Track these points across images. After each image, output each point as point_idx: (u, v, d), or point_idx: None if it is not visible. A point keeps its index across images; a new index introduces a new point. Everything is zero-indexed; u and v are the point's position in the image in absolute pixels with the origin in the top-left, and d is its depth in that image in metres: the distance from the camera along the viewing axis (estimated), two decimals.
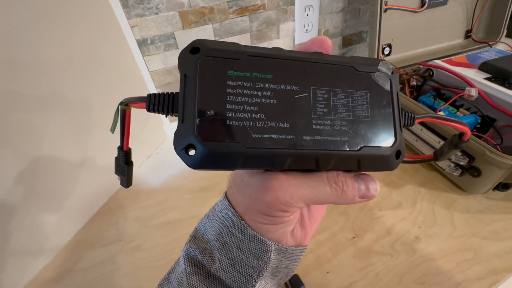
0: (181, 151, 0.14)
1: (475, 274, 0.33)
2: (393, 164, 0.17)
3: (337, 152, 0.15)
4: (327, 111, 0.16)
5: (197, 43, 0.15)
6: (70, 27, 0.37)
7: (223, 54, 0.15)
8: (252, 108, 0.14)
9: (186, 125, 0.13)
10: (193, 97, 0.14)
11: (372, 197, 0.17)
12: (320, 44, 0.17)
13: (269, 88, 0.15)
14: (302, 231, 0.20)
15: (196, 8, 0.49)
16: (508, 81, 0.43)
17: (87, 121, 0.42)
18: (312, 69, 0.16)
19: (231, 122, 0.14)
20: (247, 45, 0.16)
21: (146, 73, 0.52)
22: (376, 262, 0.36)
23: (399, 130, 0.17)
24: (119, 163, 0.20)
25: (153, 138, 0.58)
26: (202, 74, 0.14)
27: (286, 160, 0.14)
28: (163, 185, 0.50)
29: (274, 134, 0.14)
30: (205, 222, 0.20)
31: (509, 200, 0.40)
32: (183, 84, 0.14)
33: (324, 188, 0.16)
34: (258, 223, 0.17)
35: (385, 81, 0.17)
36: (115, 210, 0.46)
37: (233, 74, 0.14)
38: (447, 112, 0.45)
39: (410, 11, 0.54)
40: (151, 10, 0.46)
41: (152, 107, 0.15)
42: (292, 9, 0.57)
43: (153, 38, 0.49)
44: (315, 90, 0.16)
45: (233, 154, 0.14)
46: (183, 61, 0.14)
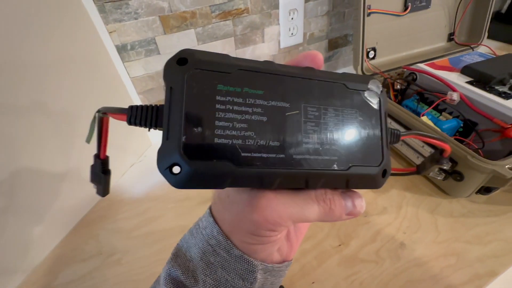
0: (165, 170, 0.13)
1: (458, 279, 0.33)
2: (379, 182, 0.17)
3: (326, 172, 0.15)
4: (317, 129, 0.15)
5: (185, 53, 0.14)
6: (44, 34, 0.35)
7: (213, 66, 0.14)
8: (241, 126, 0.14)
9: (171, 143, 0.13)
10: (179, 112, 0.13)
11: (358, 213, 0.17)
12: (312, 59, 0.17)
13: (260, 105, 0.14)
14: (288, 245, 0.20)
15: (177, 13, 0.48)
16: (489, 85, 0.43)
17: (65, 130, 0.41)
18: (303, 85, 0.16)
19: (220, 140, 0.13)
20: (237, 57, 0.15)
21: (127, 80, 0.50)
22: (361, 270, 0.35)
23: (386, 149, 0.17)
24: (95, 172, 0.19)
25: (136, 145, 0.56)
26: (189, 88, 0.13)
27: (275, 180, 0.14)
28: (147, 194, 0.49)
29: (264, 153, 0.14)
30: (188, 238, 0.19)
31: (491, 204, 0.41)
32: (168, 97, 0.13)
33: (313, 206, 0.16)
34: (245, 243, 0.17)
35: (374, 99, 0.17)
36: (96, 222, 0.45)
37: (223, 88, 0.14)
38: (430, 116, 0.45)
39: (393, 14, 0.54)
40: (129, 15, 0.45)
41: (134, 120, 0.14)
42: (276, 13, 0.56)
43: (133, 43, 0.47)
44: (306, 108, 0.15)
45: (221, 174, 0.13)
46: (169, 73, 0.14)
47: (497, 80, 0.43)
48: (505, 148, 0.39)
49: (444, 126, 0.42)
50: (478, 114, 0.41)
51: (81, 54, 0.41)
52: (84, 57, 0.42)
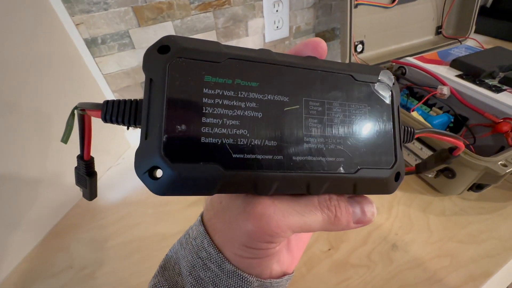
0: (143, 175, 0.11)
1: (453, 281, 0.32)
2: (391, 187, 0.15)
3: (331, 175, 0.13)
4: (321, 127, 0.14)
5: (167, 40, 0.12)
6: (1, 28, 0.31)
7: (199, 55, 0.12)
8: (233, 122, 0.12)
9: (151, 143, 0.11)
10: (160, 107, 0.11)
11: (369, 221, 0.15)
12: (314, 47, 0.15)
13: (254, 99, 0.13)
14: (288, 256, 0.18)
15: (153, 4, 0.44)
16: (479, 78, 0.42)
17: (33, 132, 0.37)
18: (305, 77, 0.14)
19: (207, 139, 0.12)
20: (229, 45, 0.13)
21: (100, 76, 0.46)
22: (353, 275, 0.33)
23: (399, 149, 0.15)
24: (79, 174, 0.18)
25: (113, 147, 0.52)
26: (172, 80, 0.11)
27: (272, 185, 0.12)
28: (124, 199, 0.45)
29: (259, 154, 0.12)
30: (178, 249, 0.17)
31: (483, 201, 0.40)
32: (148, 90, 0.12)
33: (315, 214, 0.14)
34: (239, 256, 0.15)
35: (386, 92, 0.15)
36: (67, 232, 0.41)
37: (211, 80, 0.12)
38: (421, 111, 0.43)
39: (381, 6, 0.52)
40: (98, 6, 0.41)
41: (110, 117, 0.13)
42: (260, 4, 0.53)
43: (104, 37, 0.43)
44: (308, 102, 0.14)
45: (209, 179, 0.11)
46: (149, 62, 0.12)
47: (486, 74, 0.42)
48: (496, 143, 0.38)
49: (435, 122, 0.41)
50: (468, 108, 0.40)
51: (45, 50, 0.37)
52: (49, 52, 0.38)
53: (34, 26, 0.35)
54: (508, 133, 0.36)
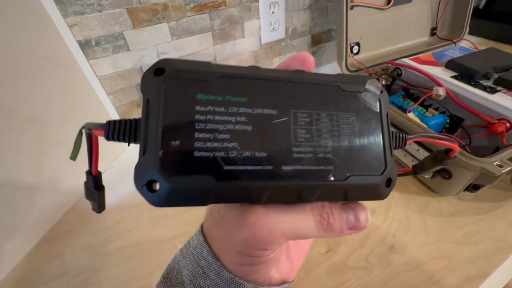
0: (142, 188, 0.12)
1: (450, 283, 0.32)
2: (383, 193, 0.15)
3: (321, 183, 0.14)
4: (309, 137, 0.14)
5: (162, 63, 0.13)
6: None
7: (191, 75, 0.13)
8: (224, 137, 0.13)
9: (148, 158, 0.12)
10: (155, 125, 0.12)
11: (363, 228, 0.16)
12: (302, 61, 0.16)
13: (244, 113, 0.13)
14: (288, 264, 0.18)
15: (147, 5, 0.44)
16: (474, 80, 0.42)
17: (27, 136, 0.36)
18: (292, 90, 0.14)
19: (200, 153, 0.12)
20: (219, 64, 0.14)
21: (94, 79, 0.46)
22: (351, 278, 0.33)
23: (390, 155, 0.15)
24: (88, 188, 0.19)
25: (109, 150, 0.52)
26: (166, 99, 0.12)
27: (263, 194, 0.13)
28: (120, 204, 0.45)
29: (249, 165, 0.13)
30: (179, 259, 0.18)
31: (479, 201, 0.40)
32: (145, 110, 0.13)
33: (308, 221, 0.14)
34: (235, 264, 0.15)
35: (374, 101, 0.16)
36: (61, 238, 0.40)
37: (203, 98, 0.13)
38: (417, 112, 0.43)
39: (376, 8, 0.53)
40: (92, 7, 0.40)
41: (112, 135, 0.14)
42: (256, 6, 0.53)
43: (98, 39, 0.43)
44: (296, 114, 0.14)
45: (202, 190, 0.12)
46: (146, 84, 0.13)
47: (481, 74, 0.42)
48: (491, 144, 0.38)
49: (431, 123, 0.41)
50: (464, 109, 0.40)
51: (38, 52, 0.36)
52: (42, 55, 0.37)
53: (26, 28, 0.35)
54: (503, 134, 0.36)
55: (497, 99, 0.38)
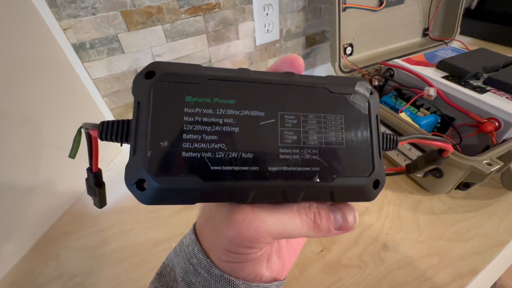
0: (131, 186, 0.13)
1: (442, 280, 0.33)
2: (370, 194, 0.15)
3: (306, 184, 0.14)
4: (296, 139, 0.14)
5: (153, 66, 0.13)
6: None
7: (180, 78, 0.13)
8: (211, 138, 0.13)
9: (137, 158, 0.12)
10: (145, 127, 0.13)
11: (351, 228, 0.16)
12: (291, 63, 0.16)
13: (232, 115, 0.14)
14: (279, 263, 0.18)
15: (142, 8, 0.44)
16: (464, 80, 0.43)
17: (22, 139, 0.36)
18: (280, 92, 0.15)
19: (187, 154, 0.13)
20: (209, 67, 0.14)
21: (89, 82, 0.46)
22: (345, 276, 0.34)
23: (378, 157, 0.16)
24: (89, 184, 0.20)
25: (104, 152, 0.52)
26: (155, 101, 0.13)
27: (249, 194, 0.13)
28: (115, 206, 0.45)
29: (236, 165, 0.13)
30: (173, 257, 0.18)
31: (470, 199, 0.41)
32: (136, 112, 0.13)
33: (294, 221, 0.15)
34: (223, 261, 0.16)
35: (363, 103, 0.16)
36: (56, 240, 0.40)
37: (191, 100, 0.13)
38: (409, 112, 0.44)
39: (369, 9, 0.53)
40: (86, 10, 0.40)
41: (105, 135, 0.14)
42: (250, 8, 0.54)
43: (93, 41, 0.43)
44: (283, 116, 0.14)
45: (189, 190, 0.13)
46: (137, 87, 0.13)
47: (471, 75, 0.43)
48: (481, 142, 0.39)
49: (423, 122, 0.42)
50: (454, 109, 0.41)
51: (32, 56, 0.36)
52: (37, 58, 0.37)
53: (20, 32, 0.35)
54: (492, 133, 0.37)
55: (486, 98, 0.39)
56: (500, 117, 0.36)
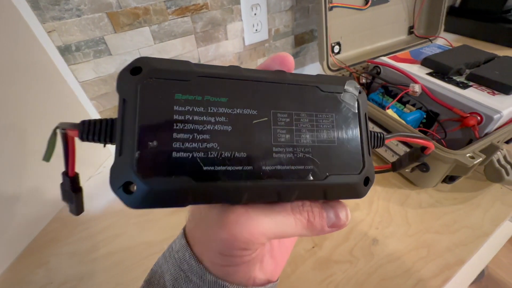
0: (118, 190, 0.12)
1: (430, 271, 0.33)
2: (361, 191, 0.16)
3: (300, 183, 0.14)
4: (289, 137, 0.14)
5: (139, 62, 0.13)
6: None
7: (169, 75, 0.13)
8: (203, 137, 0.13)
9: (124, 159, 0.12)
10: (132, 126, 0.12)
11: (343, 225, 0.16)
12: (281, 61, 0.16)
13: (224, 113, 0.13)
14: (272, 263, 0.18)
15: (128, 9, 0.44)
16: (448, 76, 0.44)
17: (7, 146, 0.35)
18: (272, 90, 0.15)
19: (178, 154, 0.12)
20: (199, 63, 0.14)
21: (76, 85, 0.45)
22: (336, 272, 0.34)
23: (368, 155, 0.16)
24: (65, 189, 0.18)
25: (93, 156, 0.51)
26: (143, 99, 0.12)
27: (243, 195, 0.13)
28: (106, 209, 0.44)
29: (229, 165, 0.13)
30: (162, 263, 0.18)
31: (456, 191, 0.42)
32: (121, 110, 0.12)
33: (288, 220, 0.14)
34: (216, 265, 0.15)
35: (352, 101, 0.16)
36: (45, 246, 0.40)
37: (181, 98, 0.13)
38: (395, 109, 0.45)
39: (355, 8, 0.54)
40: (70, 12, 0.40)
41: (86, 136, 0.13)
42: (238, 8, 0.54)
43: (78, 44, 0.42)
44: (276, 114, 0.14)
45: (180, 191, 0.12)
46: (122, 84, 0.13)
47: (454, 71, 0.44)
48: (465, 136, 0.40)
49: (409, 118, 0.42)
50: (439, 104, 0.42)
51: (16, 59, 0.36)
52: (21, 62, 0.36)
53: (2, 35, 0.34)
54: (475, 127, 0.38)
55: (468, 94, 0.40)
56: (481, 112, 0.37)
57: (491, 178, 0.38)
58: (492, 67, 0.44)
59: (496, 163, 0.37)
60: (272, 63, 0.16)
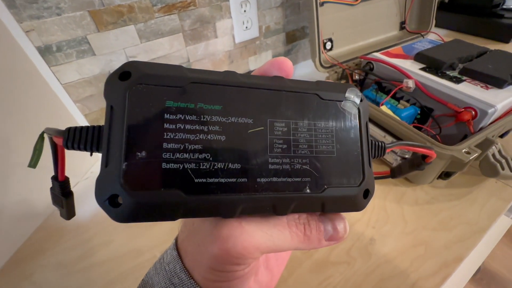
0: (103, 203, 0.11)
1: (428, 270, 0.33)
2: (360, 204, 0.15)
3: (297, 196, 0.14)
4: (286, 148, 0.14)
5: (128, 66, 0.12)
6: None
7: (160, 81, 0.12)
8: (195, 147, 0.12)
9: (111, 170, 0.11)
10: (119, 135, 0.11)
11: (341, 238, 0.15)
12: (279, 66, 0.15)
13: (218, 122, 0.13)
14: (267, 275, 0.17)
15: (111, 7, 0.42)
16: (441, 71, 0.44)
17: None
18: (270, 98, 0.14)
19: (168, 165, 0.12)
20: (192, 68, 0.13)
21: (58, 87, 0.43)
22: (334, 273, 0.33)
23: (368, 166, 0.15)
24: (55, 194, 0.18)
25: (80, 161, 0.49)
26: (132, 106, 0.12)
27: (236, 208, 0.13)
28: (94, 217, 0.43)
29: (222, 177, 0.12)
30: (153, 274, 0.17)
31: (452, 187, 0.41)
32: (108, 118, 0.12)
33: (284, 234, 0.14)
34: (208, 280, 0.14)
35: (353, 110, 0.15)
36: (30, 258, 0.38)
37: (173, 105, 0.12)
38: (389, 105, 0.44)
39: (346, 4, 0.53)
40: (50, 11, 0.38)
41: (71, 143, 0.13)
42: (227, 5, 0.52)
43: (60, 44, 0.40)
44: (272, 123, 0.14)
45: (170, 205, 0.11)
46: (110, 89, 0.12)
47: (447, 65, 0.44)
48: (460, 132, 0.40)
49: (403, 114, 0.42)
50: (433, 100, 0.41)
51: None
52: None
53: None
54: (469, 122, 0.37)
55: (462, 88, 0.39)
56: (476, 106, 0.37)
57: (486, 173, 0.38)
58: (485, 61, 0.44)
59: (491, 157, 0.37)
60: (270, 68, 0.15)
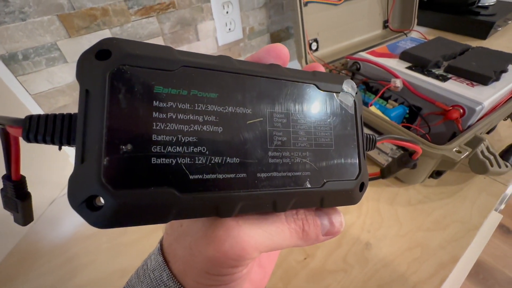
0: (79, 206, 0.09)
1: (426, 272, 0.32)
2: (356, 197, 0.15)
3: (298, 191, 0.13)
4: (286, 140, 0.13)
5: (107, 44, 0.10)
6: None
7: (148, 62, 0.10)
8: (189, 139, 0.11)
9: (88, 167, 0.09)
10: (99, 124, 0.09)
11: (338, 233, 0.15)
12: (277, 54, 0.14)
13: (214, 112, 0.11)
14: (260, 272, 0.17)
15: (83, 10, 0.39)
16: (427, 69, 0.44)
17: None
18: (268, 87, 0.13)
19: (158, 160, 0.10)
20: (184, 50, 0.12)
21: (27, 98, 0.40)
22: (331, 282, 0.32)
23: (363, 159, 0.15)
24: (7, 196, 0.15)
25: (56, 175, 0.46)
26: (114, 91, 0.10)
27: (235, 206, 0.11)
28: (73, 235, 0.39)
29: (220, 173, 0.11)
30: (135, 282, 0.15)
31: (443, 185, 0.41)
32: (83, 104, 0.10)
33: (283, 231, 0.13)
34: (202, 285, 0.13)
35: (349, 102, 0.15)
36: (1, 286, 0.34)
37: (162, 91, 0.10)
38: (378, 105, 0.44)
39: (329, 4, 0.53)
40: (13, 16, 0.34)
41: (34, 135, 0.10)
42: (209, 6, 0.50)
43: (26, 51, 0.37)
44: (272, 114, 0.13)
45: (161, 206, 0.10)
46: (84, 70, 0.10)
47: (432, 63, 0.44)
48: (448, 130, 0.40)
49: (392, 114, 0.41)
50: (420, 98, 0.41)
51: None
52: None
53: None
54: (458, 120, 0.37)
55: (449, 86, 0.39)
56: (463, 104, 0.37)
57: (476, 170, 0.38)
58: (468, 58, 0.44)
59: (480, 155, 0.36)
60: (266, 55, 0.14)
